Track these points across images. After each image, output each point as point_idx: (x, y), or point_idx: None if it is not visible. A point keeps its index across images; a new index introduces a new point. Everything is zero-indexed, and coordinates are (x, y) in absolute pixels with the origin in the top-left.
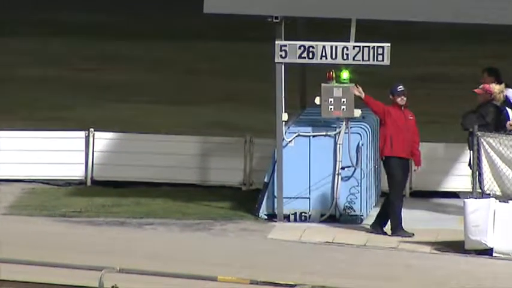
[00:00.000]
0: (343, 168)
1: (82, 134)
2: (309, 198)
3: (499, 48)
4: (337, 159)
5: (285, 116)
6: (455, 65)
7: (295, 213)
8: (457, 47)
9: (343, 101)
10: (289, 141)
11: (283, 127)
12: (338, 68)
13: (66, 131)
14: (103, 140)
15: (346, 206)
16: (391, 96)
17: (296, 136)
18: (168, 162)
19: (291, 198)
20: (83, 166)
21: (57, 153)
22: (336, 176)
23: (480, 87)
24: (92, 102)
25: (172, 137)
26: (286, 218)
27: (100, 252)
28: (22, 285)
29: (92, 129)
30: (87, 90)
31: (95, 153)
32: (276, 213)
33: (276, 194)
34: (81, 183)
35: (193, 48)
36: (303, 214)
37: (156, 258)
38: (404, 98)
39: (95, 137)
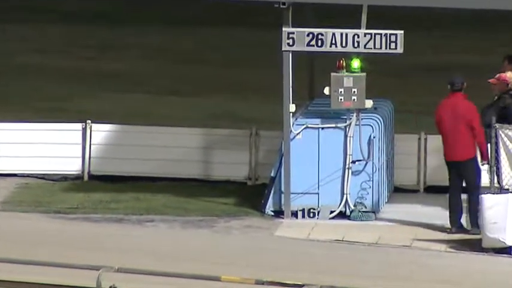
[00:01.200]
0: (353, 162)
1: (79, 126)
2: (317, 193)
3: None
4: (348, 153)
5: (292, 107)
6: (470, 53)
7: (303, 210)
8: (472, 35)
9: (354, 91)
10: (297, 134)
11: (291, 119)
12: (348, 56)
13: (63, 123)
14: (101, 132)
15: (357, 202)
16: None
17: (304, 128)
18: (169, 155)
19: (298, 193)
20: (80, 160)
21: (52, 146)
22: (346, 170)
23: (496, 76)
24: (90, 93)
25: (174, 129)
26: (294, 214)
27: (98, 250)
28: (15, 285)
29: (89, 121)
30: (85, 80)
31: (92, 146)
32: (283, 209)
33: (283, 189)
34: (77, 177)
35: (195, 36)
36: (311, 210)
37: (156, 256)
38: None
39: (93, 129)
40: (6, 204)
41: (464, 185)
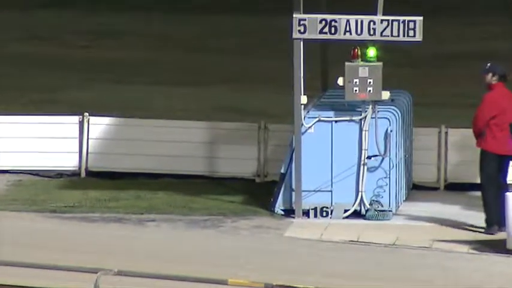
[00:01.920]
0: (369, 157)
1: (75, 119)
2: (330, 191)
3: None
4: (363, 148)
5: (304, 99)
6: (499, 40)
7: (315, 209)
8: (500, 20)
9: (370, 82)
10: (309, 127)
11: (302, 111)
12: (364, 44)
13: (57, 116)
14: (99, 125)
15: (373, 200)
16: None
17: (316, 121)
18: (172, 151)
19: (310, 191)
20: (77, 155)
21: (47, 141)
22: (361, 167)
23: None
24: (85, 83)
25: (177, 123)
26: (306, 213)
27: (95, 252)
28: None
29: (86, 114)
30: (80, 70)
31: (89, 140)
32: (294, 208)
33: (293, 186)
34: (74, 174)
35: (199, 23)
36: (324, 209)
37: (158, 258)
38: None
39: (90, 122)
40: (1, 202)
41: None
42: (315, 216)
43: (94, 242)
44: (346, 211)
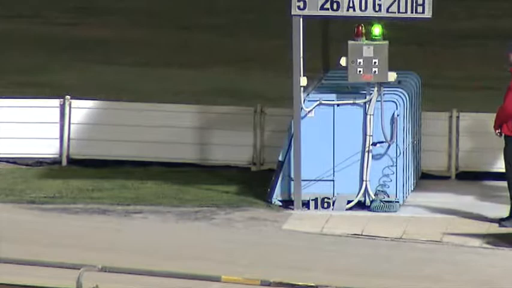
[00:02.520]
0: (374, 144)
1: (56, 102)
2: (332, 180)
3: None
4: (367, 133)
5: (303, 81)
6: (508, 17)
7: (315, 199)
8: None
9: (375, 62)
10: (309, 112)
11: (302, 94)
12: (369, 22)
13: (37, 99)
14: (82, 109)
15: (379, 190)
16: None
17: (317, 105)
18: (161, 136)
19: (310, 180)
20: (57, 141)
21: (25, 126)
22: (366, 154)
23: None
24: (68, 64)
25: (167, 106)
26: (305, 204)
27: (78, 246)
28: None
29: (68, 97)
30: (62, 49)
31: (71, 125)
32: (293, 199)
33: (292, 175)
34: (55, 162)
35: None
36: (325, 200)
37: (146, 253)
38: None
39: (72, 106)
40: None
41: None
42: (316, 207)
43: (76, 236)
44: (349, 202)
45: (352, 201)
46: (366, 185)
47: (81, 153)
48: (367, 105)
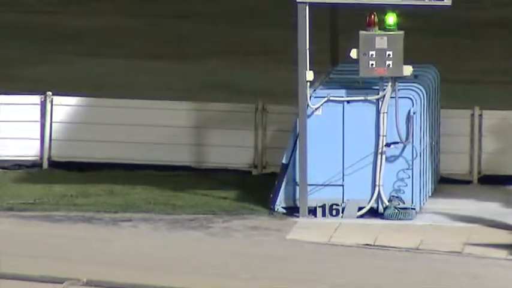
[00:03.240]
0: (388, 145)
1: (37, 99)
2: (342, 185)
3: None
4: (381, 133)
5: (310, 75)
6: None
7: (323, 206)
8: None
9: (389, 55)
10: (316, 109)
11: (308, 90)
12: (382, 10)
13: (16, 96)
14: (65, 107)
15: (393, 196)
16: None
17: (325, 102)
18: (152, 137)
19: (318, 185)
20: (38, 142)
21: (3, 125)
22: (379, 156)
23: None
24: (49, 57)
25: (158, 103)
26: (312, 212)
27: (60, 258)
28: None
29: (49, 93)
30: (43, 40)
31: (53, 124)
32: (298, 205)
33: (297, 179)
34: (35, 165)
35: None
36: (334, 207)
37: (135, 266)
38: None
39: (54, 102)
40: None
41: None
42: (323, 215)
43: (59, 246)
44: (360, 209)
45: (364, 208)
46: (379, 190)
47: (64, 155)
48: (380, 102)
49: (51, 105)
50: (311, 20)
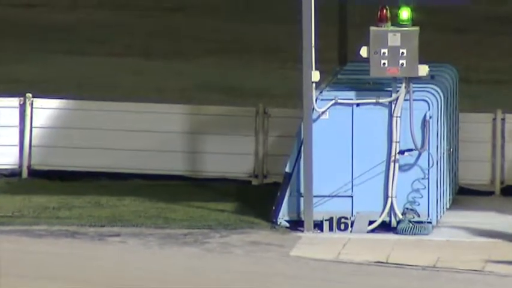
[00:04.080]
0: (402, 152)
1: (15, 101)
2: (351, 197)
3: None
4: (393, 140)
5: (315, 76)
6: None
7: (330, 219)
8: None
9: (402, 53)
10: (323, 113)
11: (314, 91)
12: (395, 4)
13: None
14: (46, 110)
15: (407, 209)
16: None
17: (332, 105)
18: (142, 143)
19: (324, 197)
20: (16, 149)
21: None
22: (392, 165)
23: None
24: (28, 54)
25: (149, 106)
26: (318, 226)
27: (41, 277)
28: None
29: (29, 95)
30: (22, 37)
31: (33, 129)
32: (303, 219)
33: (302, 190)
34: (13, 174)
35: None
36: (342, 220)
37: (124, 286)
38: None
39: (34, 105)
40: None
41: None
42: (330, 229)
43: (39, 264)
44: (371, 223)
45: (375, 221)
46: (392, 202)
47: (45, 163)
48: (393, 105)
49: (32, 108)
50: (317, 14)
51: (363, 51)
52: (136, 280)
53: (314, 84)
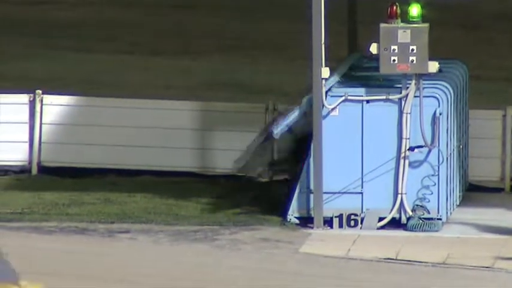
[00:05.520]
0: (412, 149)
1: (24, 98)
2: (361, 193)
3: None
4: (403, 136)
5: (325, 72)
6: None
7: (340, 216)
8: None
9: (412, 50)
10: (333, 109)
11: (323, 88)
12: (405, 1)
13: (1, 94)
14: (55, 107)
15: (417, 205)
16: None
17: (342, 101)
18: (151, 140)
19: (334, 193)
20: (26, 146)
21: None
22: (402, 161)
23: None
24: (38, 52)
25: (158, 103)
26: (328, 222)
27: (51, 273)
28: None
29: (39, 91)
30: (29, 33)
31: (43, 126)
32: (313, 215)
33: (312, 187)
34: (23, 170)
35: None
36: (352, 217)
37: (133, 283)
38: None
39: (44, 102)
40: None
41: None
42: (340, 226)
43: (49, 261)
44: (381, 219)
45: (385, 218)
46: (402, 199)
47: (55, 160)
48: (402, 102)
49: (41, 104)
50: (327, 11)
51: (373, 48)
52: (146, 277)
53: (324, 81)
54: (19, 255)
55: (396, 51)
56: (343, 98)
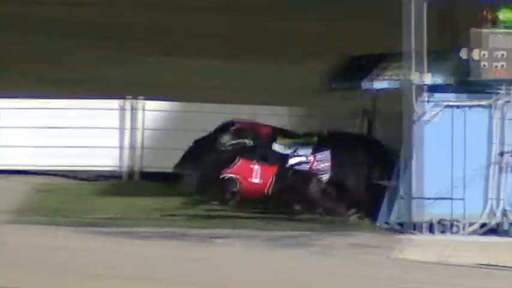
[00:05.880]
0: (502, 154)
1: (115, 103)
2: (457, 199)
3: None
4: (493, 141)
5: (427, 78)
6: None
7: (434, 221)
8: None
9: (503, 55)
10: (434, 116)
11: (425, 94)
12: (496, 4)
13: (98, 100)
14: (155, 112)
15: (509, 211)
16: None
17: (441, 107)
18: None
19: (429, 199)
20: (116, 151)
21: (80, 132)
22: (492, 166)
23: None
24: (129, 56)
25: (254, 108)
26: (419, 228)
27: (146, 279)
28: None
29: (141, 97)
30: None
31: (138, 131)
32: (406, 221)
33: (405, 193)
34: (121, 176)
35: None
36: (443, 222)
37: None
38: None
39: (146, 108)
40: (19, 213)
41: None
42: (431, 231)
43: (143, 266)
44: (471, 224)
45: (483, 224)
46: (496, 204)
47: (154, 165)
48: (493, 107)
49: (143, 110)
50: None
51: (463, 53)
52: (240, 282)
53: (426, 87)
54: (113, 260)
55: (487, 56)
56: (445, 104)
